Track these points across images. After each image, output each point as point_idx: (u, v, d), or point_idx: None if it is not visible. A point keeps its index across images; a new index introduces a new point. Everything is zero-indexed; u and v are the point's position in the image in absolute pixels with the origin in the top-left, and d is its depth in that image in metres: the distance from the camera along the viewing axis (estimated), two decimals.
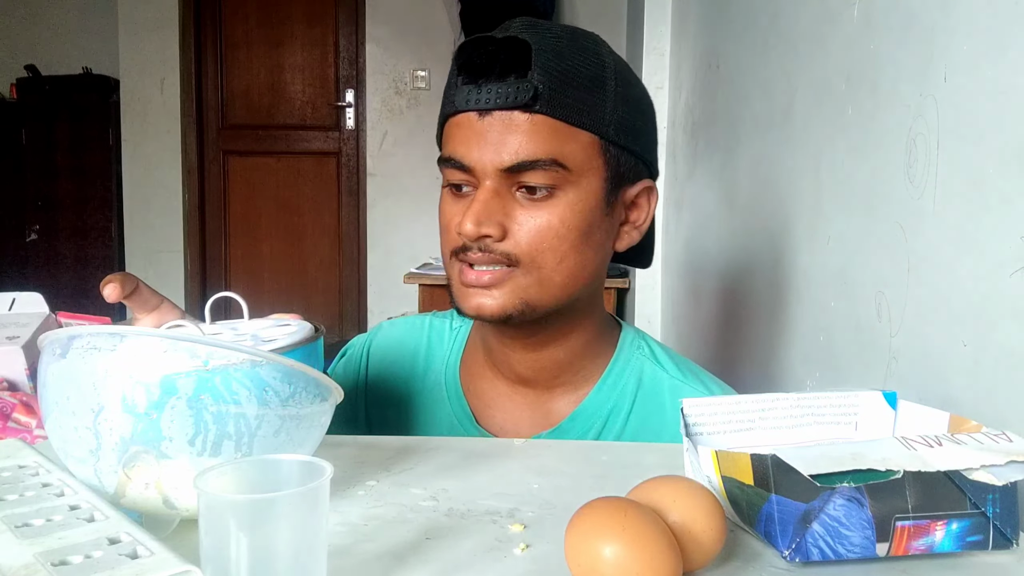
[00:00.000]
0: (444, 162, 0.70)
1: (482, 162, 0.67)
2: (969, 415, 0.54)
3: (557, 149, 0.66)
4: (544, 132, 0.66)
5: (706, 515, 0.43)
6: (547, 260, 0.68)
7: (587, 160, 0.68)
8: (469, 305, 0.70)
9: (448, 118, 0.70)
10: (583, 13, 3.74)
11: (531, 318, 0.70)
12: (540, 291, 0.69)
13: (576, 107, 0.67)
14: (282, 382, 0.48)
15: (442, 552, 0.47)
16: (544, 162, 0.66)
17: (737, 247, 1.53)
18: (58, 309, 0.95)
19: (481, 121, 0.67)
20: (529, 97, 0.65)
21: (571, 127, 0.67)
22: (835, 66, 1.01)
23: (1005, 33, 0.62)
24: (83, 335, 0.46)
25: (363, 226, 4.04)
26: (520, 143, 0.66)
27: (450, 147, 0.70)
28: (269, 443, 0.47)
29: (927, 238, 0.74)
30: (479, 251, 0.68)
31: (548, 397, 0.78)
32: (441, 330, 0.85)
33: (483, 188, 0.68)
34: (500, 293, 0.69)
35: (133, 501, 0.46)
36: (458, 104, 0.68)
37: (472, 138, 0.67)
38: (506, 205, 0.68)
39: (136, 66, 3.89)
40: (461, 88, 0.67)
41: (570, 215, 0.68)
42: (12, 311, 0.94)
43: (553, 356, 0.76)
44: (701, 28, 1.94)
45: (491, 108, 0.66)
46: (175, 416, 0.45)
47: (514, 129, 0.66)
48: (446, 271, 0.74)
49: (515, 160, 0.66)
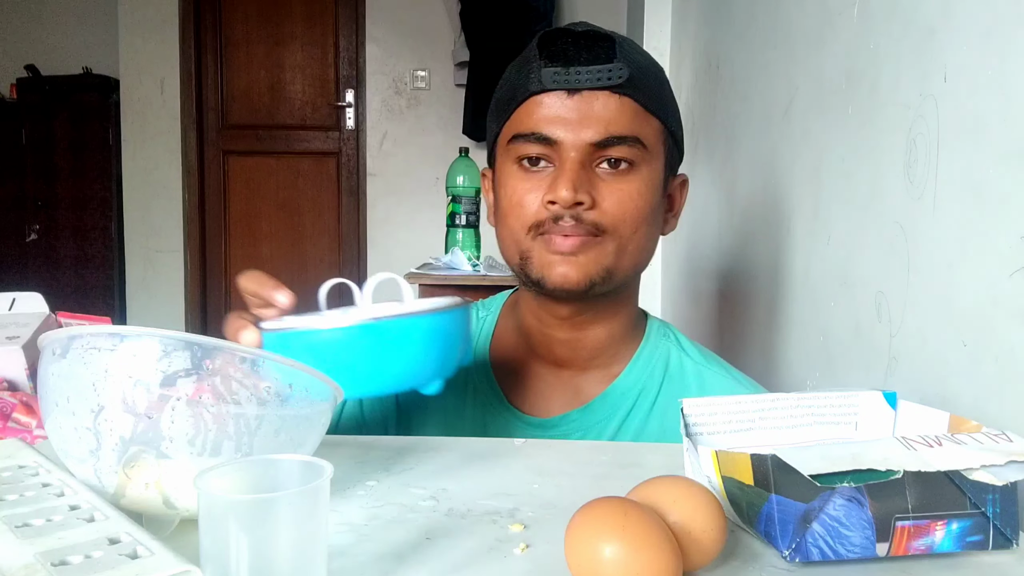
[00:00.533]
0: (524, 137, 0.74)
1: (572, 136, 0.71)
2: (969, 415, 0.54)
3: (639, 128, 0.73)
4: (629, 112, 0.72)
5: (706, 515, 0.43)
6: (627, 228, 0.73)
7: (656, 144, 0.75)
8: (555, 273, 0.73)
9: (529, 97, 0.73)
10: (583, 13, 3.74)
11: (609, 287, 0.75)
12: (618, 258, 0.74)
13: (652, 95, 0.74)
14: (283, 382, 0.48)
15: (442, 552, 0.47)
16: (629, 139, 0.72)
17: (737, 247, 1.53)
18: (58, 309, 0.95)
19: (571, 99, 0.71)
20: (624, 79, 0.71)
21: (647, 112, 0.73)
22: (835, 66, 1.01)
23: (1005, 33, 0.62)
24: (83, 335, 0.46)
25: (363, 226, 4.04)
26: (610, 119, 0.71)
27: (532, 123, 0.73)
28: (269, 443, 0.47)
29: (927, 238, 0.74)
30: (572, 220, 0.72)
31: (579, 378, 0.81)
32: None
33: (570, 160, 0.71)
34: (586, 259, 0.73)
35: (133, 501, 0.46)
36: (546, 83, 0.72)
37: (562, 114, 0.72)
38: (591, 178, 0.72)
39: (136, 66, 3.89)
40: (546, 70, 0.71)
41: (646, 188, 0.74)
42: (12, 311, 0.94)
43: (594, 337, 0.80)
44: (701, 28, 1.94)
45: (583, 88, 0.71)
46: (175, 416, 0.45)
47: (605, 107, 0.71)
48: (517, 247, 0.76)
49: (606, 135, 0.71)
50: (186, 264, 4.02)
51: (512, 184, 0.75)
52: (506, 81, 0.77)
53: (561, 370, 0.81)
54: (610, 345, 0.80)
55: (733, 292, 1.56)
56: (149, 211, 3.95)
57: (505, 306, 0.87)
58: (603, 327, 0.79)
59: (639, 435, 0.79)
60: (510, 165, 0.76)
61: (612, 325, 0.80)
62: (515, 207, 0.75)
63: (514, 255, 0.77)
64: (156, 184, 3.94)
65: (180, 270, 4.01)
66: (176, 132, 3.93)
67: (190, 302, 4.03)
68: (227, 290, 4.14)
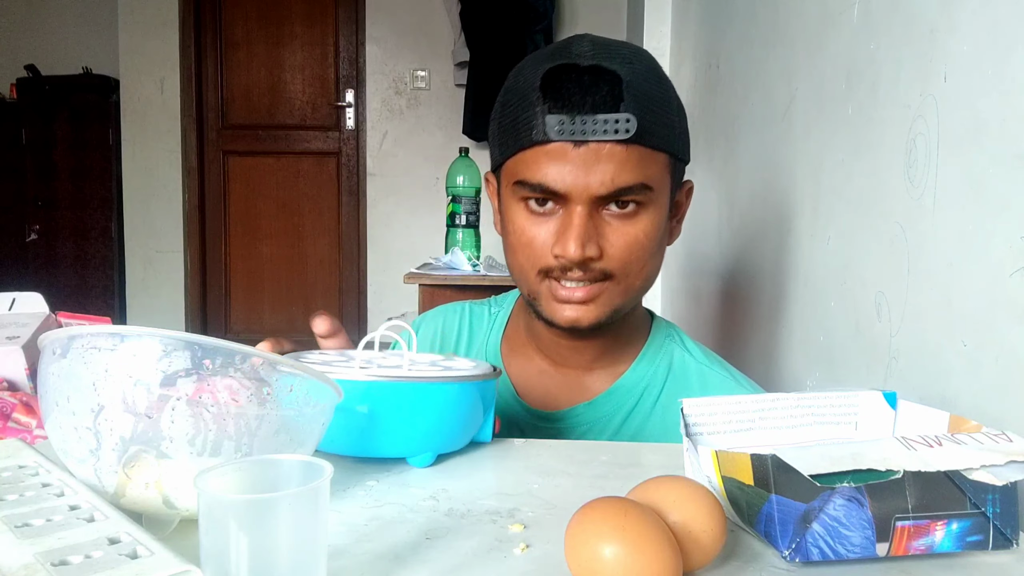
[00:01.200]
0: (527, 186, 0.72)
1: (579, 189, 0.69)
2: (969, 415, 0.54)
3: (645, 174, 0.70)
4: (636, 160, 0.70)
5: (706, 515, 0.43)
6: (634, 270, 0.74)
7: (662, 177, 0.73)
8: (564, 318, 0.74)
9: (533, 145, 0.71)
10: (583, 13, 3.74)
11: (616, 320, 0.76)
12: (625, 298, 0.75)
13: (658, 133, 0.71)
14: (283, 383, 0.48)
15: (442, 552, 0.47)
16: (637, 187, 0.70)
17: (737, 247, 1.53)
18: (58, 309, 0.95)
19: (576, 151, 0.69)
20: (630, 134, 0.68)
21: (655, 152, 0.71)
22: (835, 66, 1.01)
23: (1005, 33, 0.62)
24: (83, 335, 0.46)
25: (363, 226, 4.04)
26: (617, 171, 0.69)
27: (538, 174, 0.71)
28: (269, 443, 0.47)
29: (927, 238, 0.74)
30: (580, 271, 0.72)
31: (586, 375, 0.83)
32: (480, 315, 0.91)
33: (578, 212, 0.70)
34: (595, 306, 0.74)
35: (133, 501, 0.46)
36: (550, 134, 0.69)
37: (568, 167, 0.69)
38: (598, 225, 0.71)
39: (136, 66, 3.89)
40: (550, 117, 0.68)
41: (652, 228, 0.73)
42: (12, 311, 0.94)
43: (599, 343, 0.81)
44: (701, 28, 1.94)
45: (590, 140, 0.68)
46: (175, 416, 0.45)
47: (611, 159, 0.69)
48: (526, 285, 0.77)
49: (613, 188, 0.69)
50: (186, 264, 4.02)
51: (521, 224, 0.74)
52: (510, 105, 0.74)
53: (568, 369, 0.83)
54: (615, 347, 0.83)
55: (733, 292, 1.56)
56: (149, 211, 3.95)
57: (517, 304, 0.90)
58: (609, 333, 0.81)
59: (641, 431, 0.80)
60: (516, 201, 0.75)
61: (617, 330, 0.81)
62: (524, 247, 0.74)
63: (524, 288, 0.78)
64: (156, 184, 3.94)
65: (180, 270, 4.01)
66: (176, 132, 3.93)
67: (190, 302, 4.03)
68: (227, 290, 4.14)
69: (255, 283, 4.13)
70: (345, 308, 4.12)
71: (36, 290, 0.96)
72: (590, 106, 0.67)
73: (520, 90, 0.73)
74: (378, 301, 4.02)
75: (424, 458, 0.61)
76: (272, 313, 4.12)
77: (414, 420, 0.59)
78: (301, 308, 4.08)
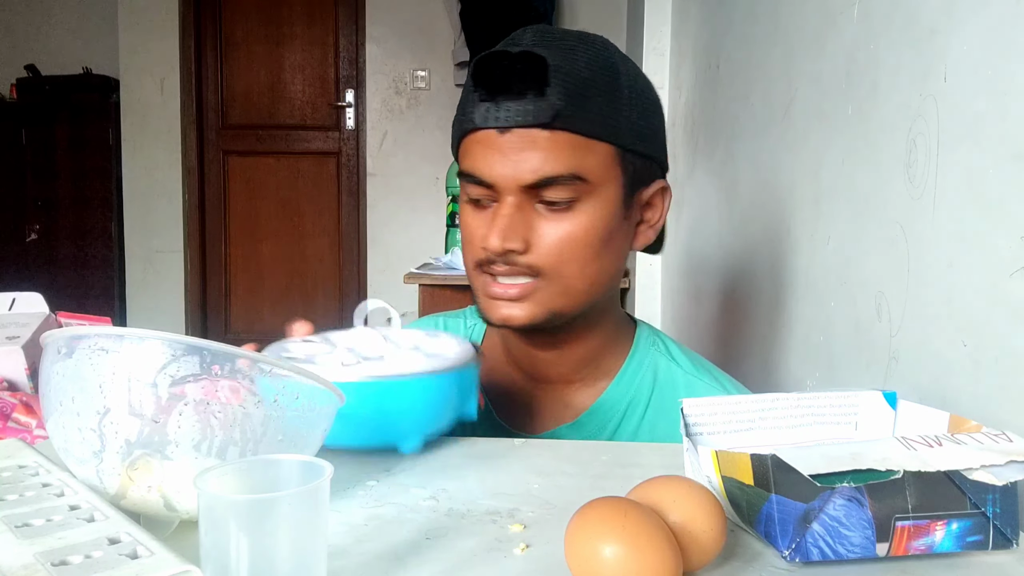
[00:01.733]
0: (464, 177, 0.71)
1: (503, 178, 0.68)
2: (969, 415, 0.54)
3: (577, 163, 0.67)
4: (564, 148, 0.67)
5: (706, 515, 0.43)
6: (570, 269, 0.70)
7: (605, 170, 0.69)
8: (497, 316, 0.72)
9: (467, 134, 0.70)
10: (583, 13, 3.74)
11: (557, 323, 0.72)
12: (565, 299, 0.71)
13: (594, 120, 0.68)
14: (288, 388, 0.48)
15: (442, 552, 0.47)
16: (565, 177, 0.67)
17: (737, 247, 1.53)
18: (58, 309, 0.95)
19: (501, 138, 0.67)
20: (549, 116, 0.65)
21: (590, 140, 0.68)
22: (835, 66, 1.01)
23: (1005, 33, 0.62)
24: (90, 335, 0.46)
25: (363, 226, 4.04)
26: (541, 160, 0.66)
27: (469, 163, 0.70)
28: (273, 448, 0.47)
29: (927, 238, 0.74)
30: (504, 264, 0.70)
31: (567, 391, 0.79)
32: (456, 329, 0.87)
33: (505, 203, 0.69)
34: (527, 304, 0.70)
35: (133, 503, 0.46)
36: (477, 120, 0.68)
37: (492, 155, 0.68)
38: (528, 218, 0.69)
39: (136, 66, 3.89)
40: (479, 104, 0.68)
41: (590, 224, 0.69)
42: (12, 311, 0.94)
43: (573, 354, 0.77)
44: (701, 28, 1.94)
45: (511, 126, 0.66)
46: (182, 421, 0.45)
47: (534, 146, 0.66)
48: (471, 282, 0.76)
49: (536, 177, 0.67)
50: (186, 264, 4.02)
51: (464, 219, 0.74)
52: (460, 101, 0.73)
53: (547, 384, 0.80)
54: (594, 358, 0.78)
55: (733, 292, 1.56)
56: (149, 211, 3.95)
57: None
58: (582, 343, 0.77)
59: None
60: (464, 198, 0.74)
61: (590, 342, 0.77)
62: (465, 243, 0.74)
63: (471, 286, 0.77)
64: (156, 184, 3.94)
65: (180, 270, 4.01)
66: (176, 132, 3.93)
67: (190, 302, 4.03)
68: (227, 290, 4.14)
69: (255, 283, 4.13)
70: (345, 308, 4.12)
71: (36, 290, 0.96)
72: (514, 91, 0.66)
73: (466, 84, 0.72)
74: None
75: (413, 444, 0.63)
76: (272, 313, 4.12)
77: (400, 413, 0.61)
78: (301, 308, 4.08)
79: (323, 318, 4.08)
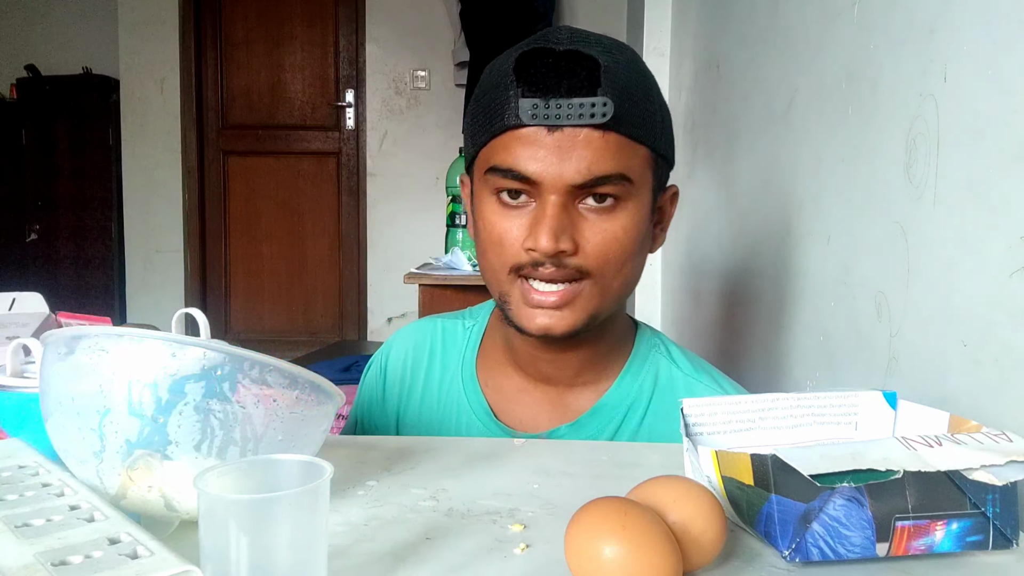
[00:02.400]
0: (500, 172, 0.68)
1: (551, 176, 0.66)
2: (969, 415, 0.54)
3: (624, 164, 0.67)
4: (614, 148, 0.66)
5: (706, 515, 0.43)
6: (611, 269, 0.69)
7: (643, 173, 0.70)
8: (535, 326, 0.70)
9: (507, 130, 0.68)
10: (583, 13, 3.74)
11: (591, 328, 0.71)
12: (602, 301, 0.70)
13: (638, 123, 0.68)
14: (288, 388, 0.48)
15: (442, 552, 0.47)
16: (615, 177, 0.67)
17: (737, 247, 1.53)
18: (58, 309, 0.95)
19: (550, 136, 0.66)
20: (608, 117, 0.65)
21: (634, 143, 0.68)
22: (835, 66, 1.01)
23: (1005, 33, 0.62)
24: (91, 335, 0.46)
25: (363, 226, 4.04)
26: (593, 159, 0.66)
27: (509, 158, 0.67)
28: (274, 448, 0.47)
29: (927, 238, 0.74)
30: (553, 267, 0.68)
31: (568, 392, 0.79)
32: (454, 331, 0.86)
33: (551, 203, 0.67)
34: (569, 312, 0.69)
35: (133, 503, 0.46)
36: (523, 117, 0.66)
37: (538, 152, 0.66)
38: (574, 219, 0.68)
39: (136, 66, 3.89)
40: (523, 101, 0.65)
41: (631, 225, 0.69)
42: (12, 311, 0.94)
43: (580, 356, 0.77)
44: (701, 28, 1.94)
45: (563, 124, 0.65)
46: (182, 421, 0.45)
47: (588, 146, 0.66)
48: (497, 287, 0.73)
49: (589, 176, 0.66)
50: (186, 264, 4.02)
51: (491, 219, 0.71)
52: (483, 95, 0.71)
53: (548, 386, 0.79)
54: (597, 361, 0.78)
55: (733, 292, 1.56)
56: (149, 211, 3.95)
57: (492, 315, 0.84)
58: (588, 347, 0.77)
59: None
60: (488, 195, 0.71)
61: (598, 345, 0.77)
62: (494, 245, 0.71)
63: (494, 291, 0.74)
64: (156, 184, 3.94)
65: (180, 270, 4.01)
66: (176, 132, 3.93)
67: (190, 302, 4.03)
68: (227, 290, 4.14)
69: (255, 283, 4.13)
70: (345, 308, 4.12)
71: (36, 290, 0.96)
72: (565, 90, 0.65)
73: (494, 78, 0.70)
74: (378, 301, 4.02)
75: None
76: (272, 313, 4.12)
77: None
78: (301, 308, 4.08)
79: (323, 318, 4.09)
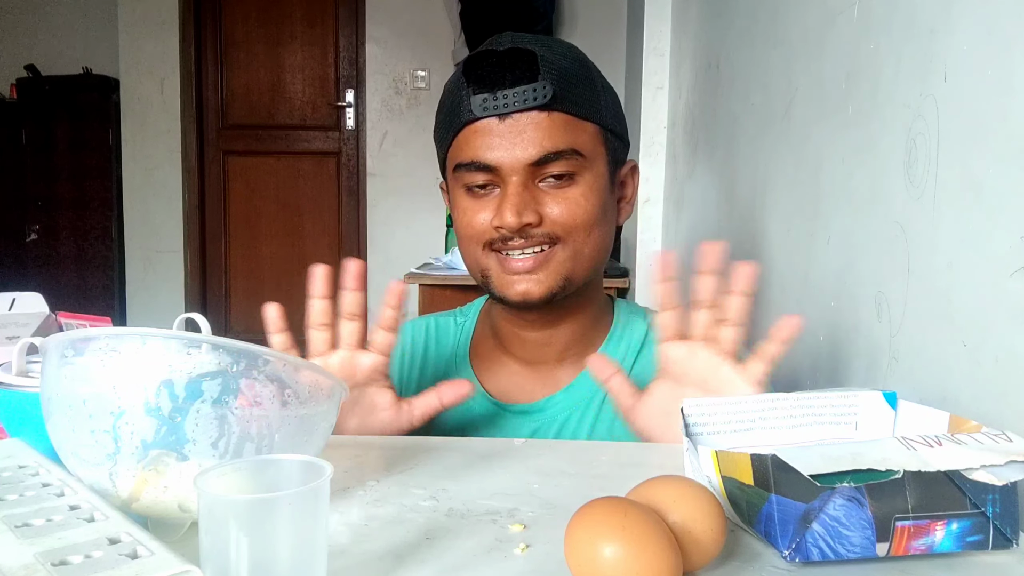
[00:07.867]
0: (464, 167, 0.76)
1: (508, 160, 0.74)
2: (969, 415, 0.54)
3: (573, 140, 0.75)
4: (561, 126, 0.74)
5: (706, 515, 0.43)
6: (580, 233, 0.76)
7: (595, 148, 0.77)
8: (515, 292, 0.77)
9: (462, 128, 0.76)
10: (583, 13, 3.74)
11: (568, 293, 0.78)
12: (575, 264, 0.77)
13: (581, 102, 0.76)
14: (301, 383, 0.48)
15: (442, 552, 0.47)
16: (566, 152, 0.74)
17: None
18: (58, 309, 0.95)
19: (502, 124, 0.74)
20: (548, 97, 0.73)
21: (580, 120, 0.75)
22: (835, 66, 1.01)
23: (1005, 33, 0.62)
24: (100, 337, 0.46)
25: (363, 226, 4.04)
26: (543, 138, 0.74)
27: (470, 152, 0.76)
28: (287, 444, 0.47)
29: (927, 238, 0.74)
30: (520, 238, 0.75)
31: (557, 368, 0.85)
32: (446, 327, 0.92)
33: (511, 183, 0.74)
34: (544, 275, 0.76)
35: (146, 505, 0.46)
36: (476, 112, 0.74)
37: (495, 140, 0.74)
38: (535, 195, 0.75)
39: (136, 66, 3.89)
40: (475, 98, 0.74)
41: (591, 192, 0.76)
42: (12, 311, 0.94)
43: (564, 333, 0.84)
44: (701, 28, 1.94)
45: (511, 111, 0.73)
46: (200, 419, 0.44)
47: (536, 127, 0.74)
48: (477, 265, 0.80)
49: (541, 153, 0.74)
50: (186, 264, 4.02)
51: (463, 208, 0.79)
52: (443, 104, 0.80)
53: (538, 365, 0.85)
54: (581, 337, 0.84)
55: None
56: (149, 211, 3.95)
57: (482, 311, 0.92)
58: (572, 323, 0.83)
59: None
60: (461, 192, 0.79)
61: (580, 319, 0.84)
62: (467, 228, 0.79)
63: (476, 272, 0.81)
64: (156, 184, 3.94)
65: (180, 270, 4.01)
66: (176, 132, 3.93)
67: (190, 302, 4.03)
68: (227, 290, 4.14)
69: (255, 283, 4.12)
70: None
71: (36, 290, 0.96)
72: (509, 81, 0.73)
73: (449, 86, 0.79)
74: (378, 301, 4.01)
75: None
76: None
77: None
78: (301, 308, 4.07)
79: None
